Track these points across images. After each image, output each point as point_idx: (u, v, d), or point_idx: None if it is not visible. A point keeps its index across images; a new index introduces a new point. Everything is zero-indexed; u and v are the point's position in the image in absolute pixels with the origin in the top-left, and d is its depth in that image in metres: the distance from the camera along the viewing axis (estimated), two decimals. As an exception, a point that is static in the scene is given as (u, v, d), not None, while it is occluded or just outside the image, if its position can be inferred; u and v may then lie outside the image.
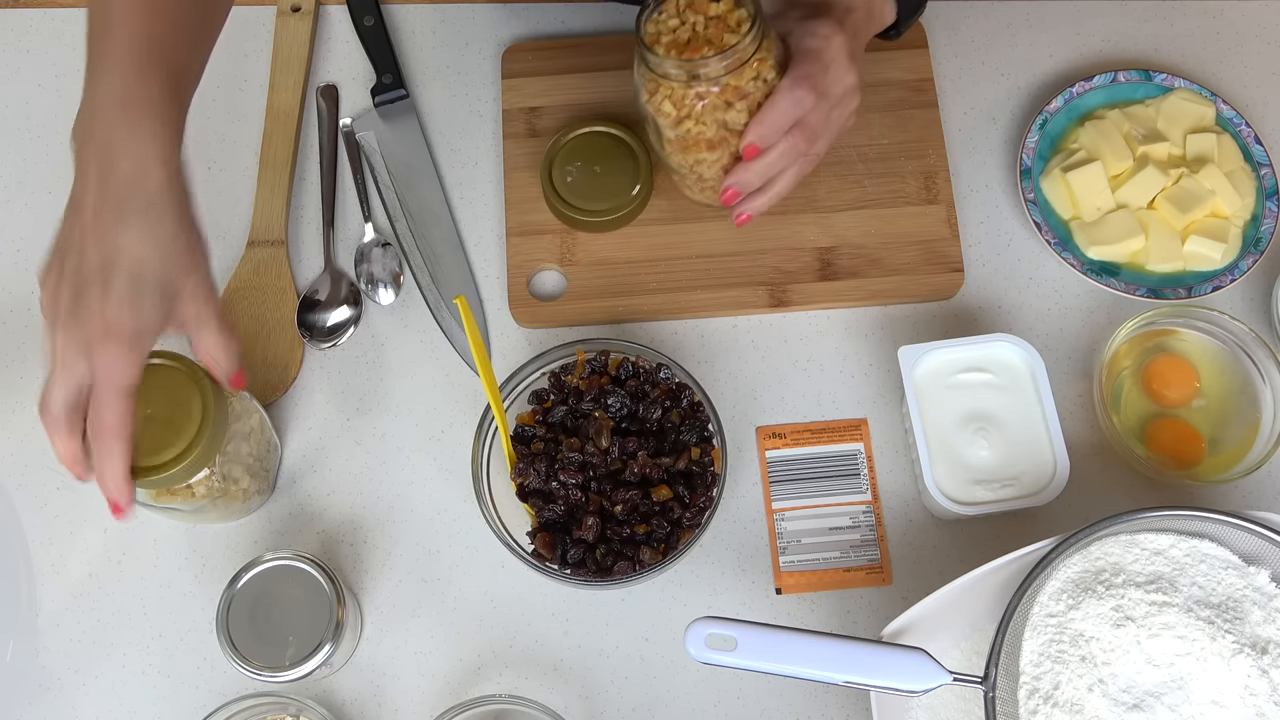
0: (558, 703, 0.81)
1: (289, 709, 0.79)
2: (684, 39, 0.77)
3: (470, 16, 1.02)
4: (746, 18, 0.76)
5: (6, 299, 0.93)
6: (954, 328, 0.91)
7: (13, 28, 1.01)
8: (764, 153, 0.78)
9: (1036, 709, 0.69)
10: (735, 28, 0.77)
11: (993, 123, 0.97)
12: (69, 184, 0.95)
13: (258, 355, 0.90)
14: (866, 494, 0.87)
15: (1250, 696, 0.69)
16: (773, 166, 0.79)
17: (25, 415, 0.90)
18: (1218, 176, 0.90)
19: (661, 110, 0.79)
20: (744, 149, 0.78)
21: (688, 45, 0.77)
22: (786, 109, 0.77)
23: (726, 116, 0.78)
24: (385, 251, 0.93)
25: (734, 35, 0.76)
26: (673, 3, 0.78)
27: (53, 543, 0.86)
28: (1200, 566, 0.72)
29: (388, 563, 0.86)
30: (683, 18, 0.78)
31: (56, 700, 0.83)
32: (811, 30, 0.78)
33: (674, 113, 0.78)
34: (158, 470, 0.73)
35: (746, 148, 0.78)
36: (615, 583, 0.79)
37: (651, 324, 0.92)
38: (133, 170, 0.67)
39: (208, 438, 0.74)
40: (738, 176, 0.80)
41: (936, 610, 0.74)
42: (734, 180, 0.80)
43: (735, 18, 0.77)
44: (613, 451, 0.81)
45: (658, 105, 0.79)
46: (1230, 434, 0.85)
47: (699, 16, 0.77)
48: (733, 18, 0.77)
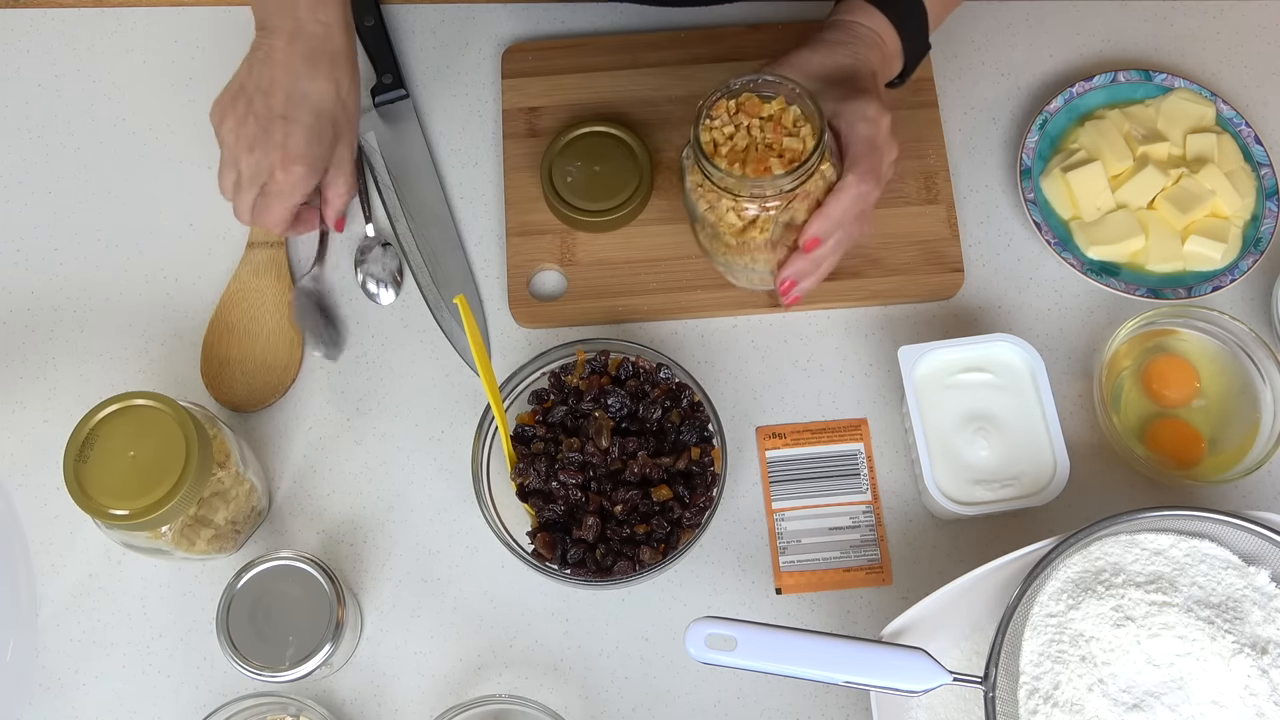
0: (558, 703, 0.81)
1: (289, 709, 0.79)
2: (742, 145, 0.75)
3: (470, 16, 1.02)
4: (804, 120, 0.75)
5: (6, 299, 0.93)
6: (954, 328, 0.91)
7: (13, 28, 1.01)
8: (822, 242, 0.77)
9: (1036, 709, 0.69)
10: (792, 128, 0.75)
11: (993, 123, 0.97)
12: (69, 184, 0.96)
13: (257, 357, 0.90)
14: (866, 494, 0.87)
15: (1250, 696, 0.69)
16: (830, 254, 0.78)
17: (25, 415, 0.90)
18: (1218, 176, 0.90)
19: (724, 221, 0.77)
20: (805, 243, 0.77)
21: (746, 153, 0.75)
22: (851, 204, 0.75)
23: (787, 218, 0.76)
24: (385, 251, 0.93)
25: (793, 138, 0.74)
26: (722, 108, 0.76)
27: (53, 543, 0.86)
28: (1200, 566, 0.72)
29: (388, 563, 0.86)
30: (735, 122, 0.76)
31: (56, 700, 0.83)
32: (861, 113, 0.76)
33: (739, 223, 0.77)
34: (145, 512, 0.73)
35: (808, 242, 0.76)
36: (615, 583, 0.79)
37: (651, 324, 0.92)
38: (322, 31, 0.80)
39: (192, 479, 0.74)
40: (796, 268, 0.78)
41: (936, 610, 0.74)
42: (792, 272, 0.79)
43: (790, 116, 0.75)
44: (613, 451, 0.81)
45: (720, 216, 0.77)
46: (1230, 434, 0.85)
47: (752, 119, 0.76)
48: (787, 117, 0.75)
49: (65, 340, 0.92)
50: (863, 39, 0.80)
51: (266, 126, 0.79)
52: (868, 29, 0.80)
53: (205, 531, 0.79)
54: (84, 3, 1.02)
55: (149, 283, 0.93)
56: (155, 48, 1.01)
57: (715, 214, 0.77)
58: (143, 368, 0.91)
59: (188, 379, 0.90)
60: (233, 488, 0.80)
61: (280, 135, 0.79)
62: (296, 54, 0.79)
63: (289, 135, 0.79)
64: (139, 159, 0.97)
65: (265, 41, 0.80)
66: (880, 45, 0.80)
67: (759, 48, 0.97)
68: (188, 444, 0.74)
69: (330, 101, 0.80)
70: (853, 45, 0.79)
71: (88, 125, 0.98)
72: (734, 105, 0.76)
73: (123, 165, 0.97)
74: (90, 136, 0.98)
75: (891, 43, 0.81)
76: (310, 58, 0.80)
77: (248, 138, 0.80)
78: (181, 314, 0.92)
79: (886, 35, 0.80)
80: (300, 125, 0.79)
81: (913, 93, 0.95)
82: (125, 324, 0.92)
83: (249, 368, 0.90)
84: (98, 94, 0.99)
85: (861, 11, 0.81)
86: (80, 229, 0.95)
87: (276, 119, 0.79)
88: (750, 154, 0.75)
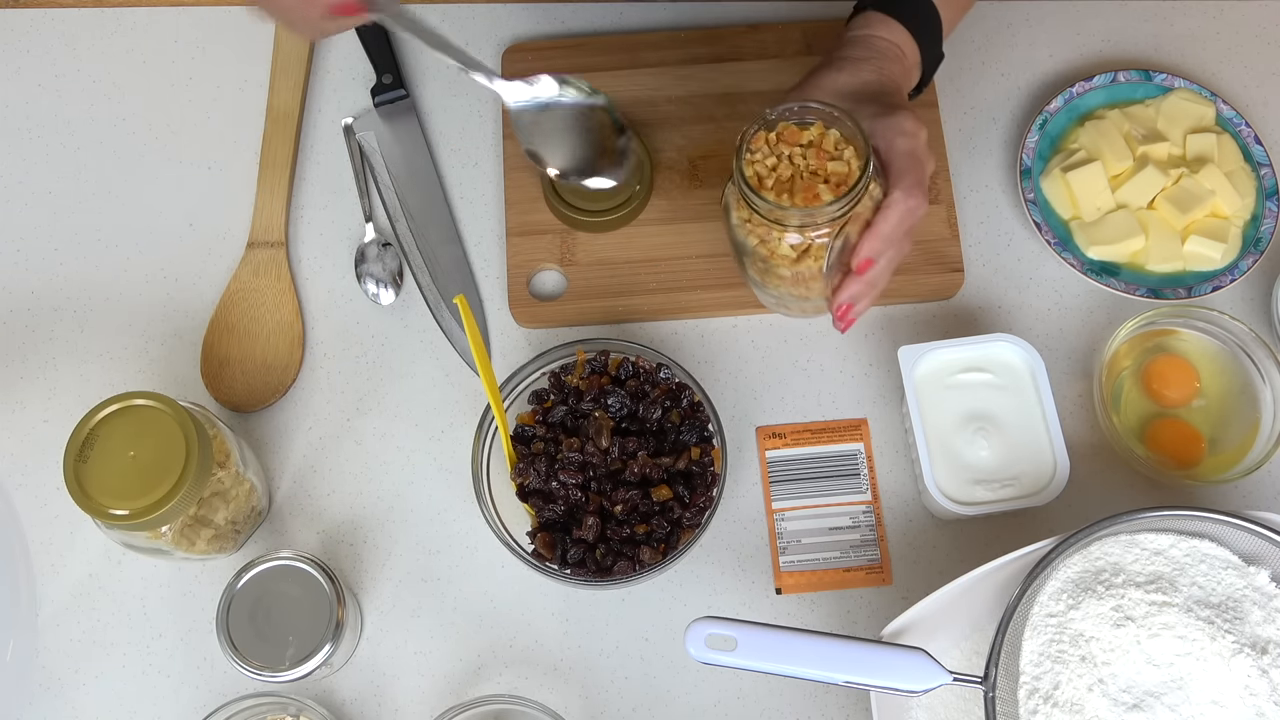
0: (558, 703, 0.81)
1: (289, 709, 0.79)
2: (786, 175, 0.74)
3: (470, 16, 1.02)
4: (845, 142, 0.74)
5: (6, 299, 0.93)
6: (954, 328, 0.91)
7: (13, 28, 1.01)
8: (875, 262, 0.75)
9: (1036, 709, 0.69)
10: (835, 151, 0.74)
11: (993, 123, 0.97)
12: (69, 184, 0.96)
13: (257, 357, 0.90)
14: (866, 494, 0.87)
15: (1250, 696, 0.69)
16: (883, 273, 0.76)
17: (25, 415, 0.90)
18: (1218, 176, 0.90)
19: (778, 253, 0.75)
20: (858, 265, 0.74)
21: (792, 182, 0.74)
22: (901, 220, 0.74)
23: (840, 242, 0.75)
24: (385, 251, 0.93)
25: (837, 161, 0.73)
26: (761, 140, 0.75)
27: (53, 543, 0.86)
28: (1200, 566, 0.72)
29: (388, 563, 0.86)
30: (776, 153, 0.75)
31: (56, 700, 0.83)
32: (899, 128, 0.74)
33: (793, 254, 0.75)
34: (145, 512, 0.73)
35: (861, 264, 0.74)
36: (615, 583, 0.79)
37: (651, 324, 0.92)
38: None
39: (192, 479, 0.74)
40: (851, 290, 0.75)
41: (936, 610, 0.74)
42: (848, 295, 0.76)
43: (831, 140, 0.74)
44: (613, 451, 0.81)
45: (773, 249, 0.75)
46: (1230, 434, 0.85)
47: (792, 148, 0.74)
48: (828, 141, 0.74)
49: (65, 340, 0.92)
50: (884, 53, 0.79)
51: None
52: (888, 42, 0.79)
53: (205, 531, 0.79)
54: (84, 3, 1.02)
55: (149, 283, 0.93)
56: (155, 48, 1.01)
57: (768, 247, 0.76)
58: (143, 368, 0.91)
59: (188, 379, 0.90)
60: (233, 488, 0.80)
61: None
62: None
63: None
64: (139, 159, 0.97)
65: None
66: (901, 58, 0.79)
67: (759, 48, 0.97)
68: (188, 444, 0.74)
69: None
70: (876, 60, 0.78)
71: (88, 125, 0.98)
72: (773, 137, 0.75)
73: (123, 165, 0.97)
74: (90, 136, 0.98)
75: (911, 54, 0.80)
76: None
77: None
78: (181, 314, 0.92)
79: (907, 47, 0.80)
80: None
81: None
82: (125, 324, 0.92)
83: (249, 368, 0.90)
84: (98, 94, 0.99)
85: (880, 25, 0.79)
86: (80, 229, 0.95)
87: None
88: (796, 183, 0.74)
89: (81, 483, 0.73)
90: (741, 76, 0.97)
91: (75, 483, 0.73)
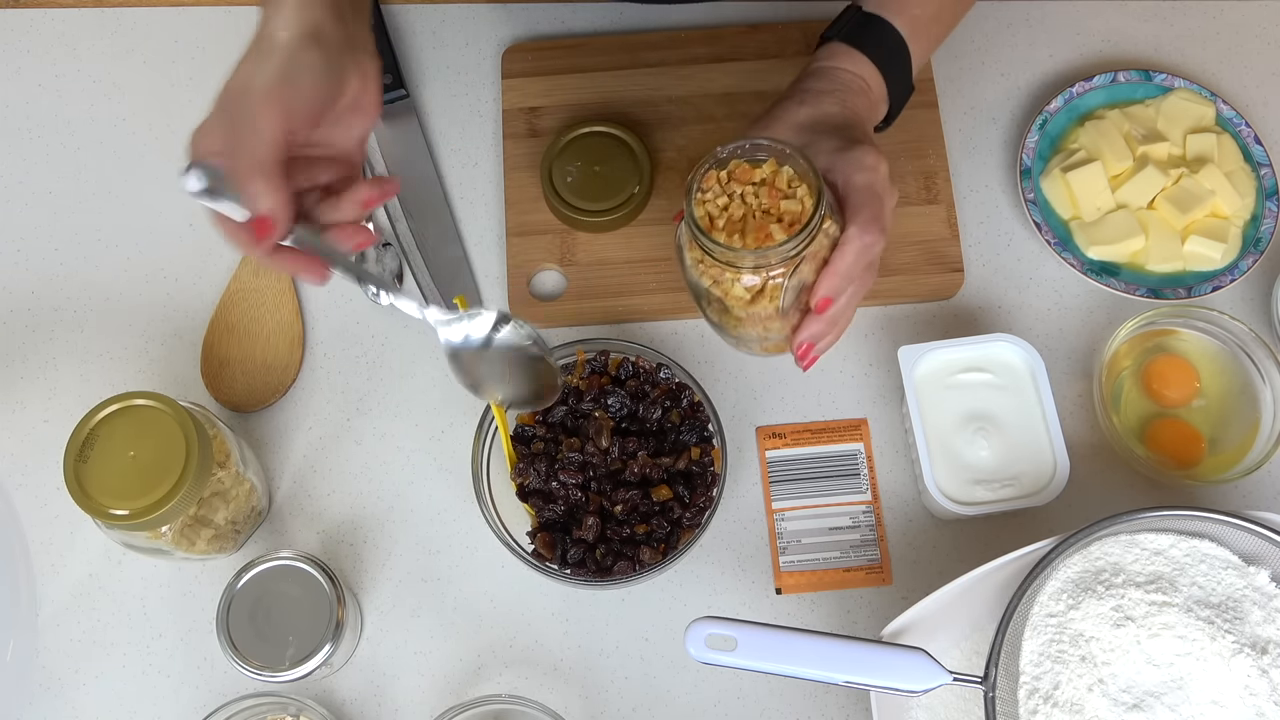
0: (558, 703, 0.81)
1: (289, 709, 0.79)
2: (738, 215, 0.71)
3: (470, 16, 1.02)
4: (798, 180, 0.71)
5: (6, 299, 0.93)
6: (954, 328, 0.91)
7: (13, 28, 1.01)
8: (834, 301, 0.72)
9: (1036, 709, 0.69)
10: (788, 189, 0.71)
11: (993, 123, 0.97)
12: (69, 184, 0.96)
13: (257, 357, 0.90)
14: (866, 494, 0.87)
15: (1250, 696, 0.69)
16: (844, 311, 0.74)
17: (25, 415, 0.90)
18: (1218, 176, 0.90)
19: (732, 294, 0.72)
20: (817, 305, 0.72)
21: (744, 222, 0.71)
22: (858, 257, 0.71)
23: (796, 281, 0.72)
24: (385, 251, 0.93)
25: (790, 200, 0.70)
26: (713, 179, 0.72)
27: (53, 543, 0.86)
28: (1200, 566, 0.72)
29: (388, 563, 0.86)
30: (728, 192, 0.72)
31: (56, 700, 0.83)
32: (859, 163, 0.72)
33: (747, 295, 0.72)
34: (145, 512, 0.73)
35: (820, 303, 0.72)
36: (615, 583, 0.79)
37: (651, 324, 0.92)
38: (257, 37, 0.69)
39: (192, 479, 0.74)
40: (811, 330, 0.73)
41: (936, 610, 0.74)
42: (808, 335, 0.74)
43: (784, 178, 0.71)
44: (613, 451, 0.81)
45: (726, 290, 0.72)
46: (1230, 434, 0.85)
47: (744, 186, 0.72)
48: (781, 179, 0.71)
49: (65, 340, 0.92)
50: (848, 85, 0.76)
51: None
52: (853, 74, 0.77)
53: (205, 531, 0.79)
54: (84, 3, 1.02)
55: (149, 283, 0.93)
56: (155, 48, 1.01)
57: (721, 288, 0.73)
58: (143, 368, 0.91)
59: (188, 379, 0.90)
60: (233, 488, 0.80)
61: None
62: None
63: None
64: (139, 159, 0.97)
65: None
66: (866, 91, 0.77)
67: (759, 48, 0.97)
68: (188, 444, 0.74)
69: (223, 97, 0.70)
70: (839, 93, 0.76)
71: (88, 125, 0.98)
72: (724, 175, 0.72)
73: (123, 165, 0.97)
74: (90, 136, 0.98)
75: (877, 88, 0.78)
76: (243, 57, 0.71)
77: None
78: (181, 314, 0.92)
79: (872, 80, 0.77)
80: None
81: (913, 93, 0.95)
82: (125, 324, 0.92)
83: (249, 368, 0.90)
84: (98, 94, 0.99)
85: (845, 57, 0.77)
86: (80, 229, 0.95)
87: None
88: (748, 223, 0.71)
89: (81, 483, 0.73)
90: (741, 76, 0.97)
91: (75, 483, 0.73)
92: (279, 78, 0.67)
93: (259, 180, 0.65)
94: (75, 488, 0.73)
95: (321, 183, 0.71)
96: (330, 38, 0.69)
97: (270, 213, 0.66)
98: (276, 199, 0.66)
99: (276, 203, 0.66)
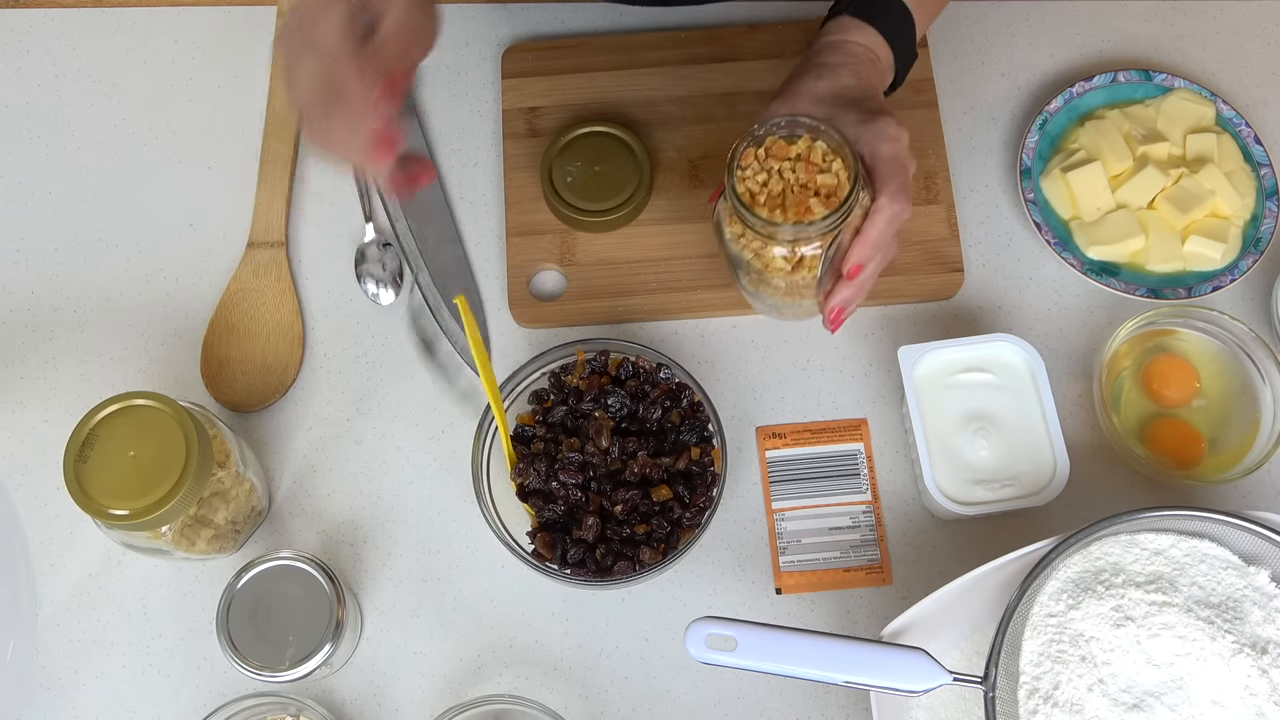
0: (558, 703, 0.81)
1: (289, 709, 0.79)
2: (777, 190, 0.75)
3: (470, 16, 1.02)
4: (832, 153, 0.74)
5: (6, 299, 0.93)
6: (954, 328, 0.91)
7: (13, 28, 1.01)
8: (864, 267, 0.76)
9: (1036, 709, 0.69)
10: (823, 163, 0.74)
11: (993, 123, 0.97)
12: (69, 184, 0.96)
13: (258, 357, 0.90)
14: (866, 494, 0.87)
15: (1250, 696, 0.69)
16: (872, 276, 0.77)
17: (25, 415, 0.90)
18: (1218, 176, 0.90)
19: (773, 266, 0.76)
20: (849, 271, 0.75)
21: (784, 196, 0.74)
22: (889, 225, 0.74)
23: (833, 251, 0.75)
24: (385, 251, 0.93)
25: (826, 173, 0.74)
26: (750, 156, 0.75)
27: (53, 543, 0.86)
28: (1200, 566, 0.72)
29: (388, 563, 0.86)
30: (766, 168, 0.75)
31: (56, 700, 0.83)
32: (883, 134, 0.75)
33: (787, 266, 0.76)
34: (145, 512, 0.73)
35: (852, 269, 0.75)
36: (615, 583, 0.79)
37: (651, 324, 0.92)
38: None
39: (192, 479, 0.74)
40: (843, 295, 0.77)
41: (936, 610, 0.74)
42: (840, 299, 0.77)
43: (818, 153, 0.74)
44: (613, 451, 0.81)
45: (768, 262, 0.76)
46: (1230, 434, 0.85)
47: (781, 162, 0.75)
48: (816, 154, 0.75)
49: (65, 340, 0.92)
50: (859, 57, 0.79)
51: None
52: (863, 47, 0.79)
53: (205, 531, 0.79)
54: (84, 3, 1.02)
55: (149, 283, 0.93)
56: (155, 48, 1.01)
57: (762, 260, 0.76)
58: (143, 368, 0.91)
59: (188, 379, 0.90)
60: (233, 488, 0.80)
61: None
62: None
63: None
64: (139, 159, 0.97)
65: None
66: (875, 61, 0.80)
67: (759, 48, 0.97)
68: (188, 444, 0.74)
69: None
70: (852, 65, 0.78)
71: (88, 125, 0.98)
72: (762, 152, 0.75)
73: (123, 165, 0.97)
74: (90, 136, 0.98)
75: (885, 58, 0.80)
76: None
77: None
78: (181, 314, 0.92)
79: (880, 51, 0.80)
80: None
81: (913, 93, 0.95)
82: (125, 324, 0.92)
83: (249, 368, 0.90)
84: (98, 94, 0.99)
85: (855, 29, 0.80)
86: (80, 229, 0.95)
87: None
88: (787, 197, 0.74)
89: (81, 483, 0.73)
90: (741, 76, 0.97)
91: (75, 483, 0.73)
92: (406, 11, 0.70)
93: (388, 97, 0.69)
94: (75, 488, 0.73)
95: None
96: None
97: (390, 128, 0.69)
98: (396, 111, 0.69)
99: (395, 114, 0.69)
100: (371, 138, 0.69)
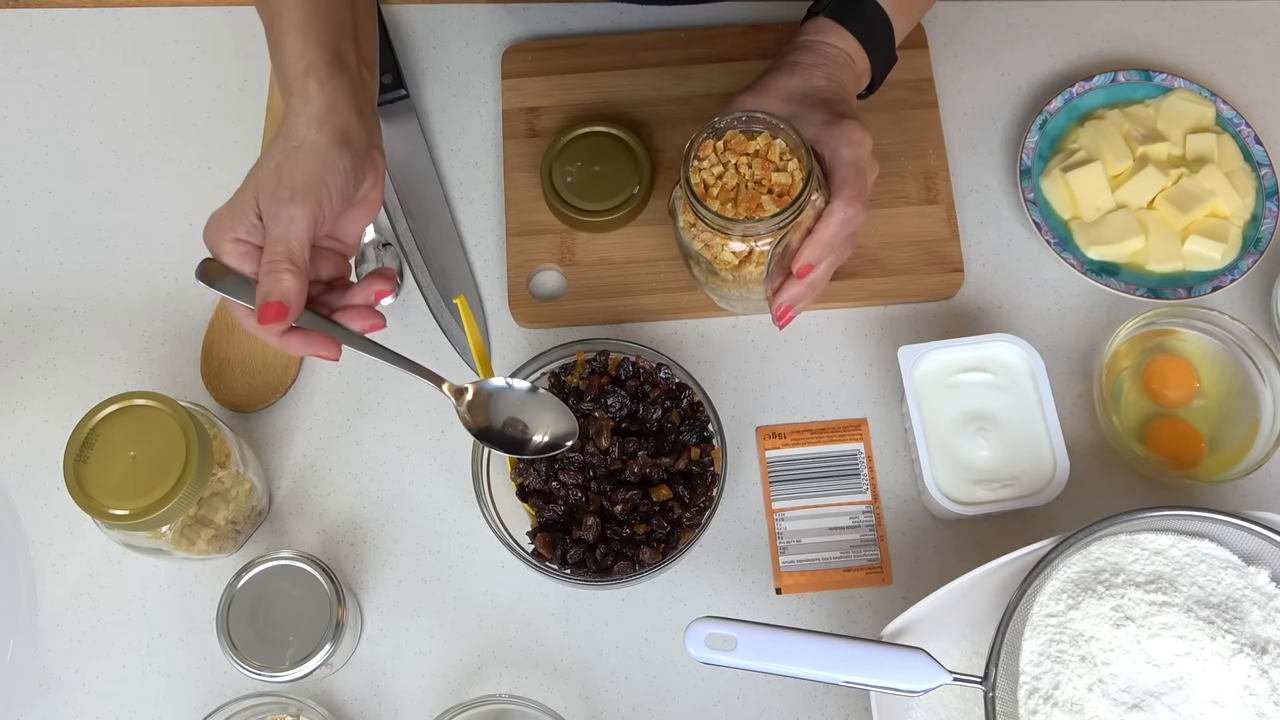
0: (558, 703, 0.81)
1: (289, 709, 0.79)
2: (732, 184, 0.75)
3: (470, 16, 1.02)
4: (789, 153, 0.75)
5: (6, 299, 0.93)
6: (954, 328, 0.91)
7: (13, 28, 1.01)
8: (815, 267, 0.77)
9: (1036, 709, 0.69)
10: (779, 161, 0.75)
11: (993, 123, 0.97)
12: (69, 184, 0.96)
13: (258, 357, 0.90)
14: (866, 494, 0.87)
15: (1250, 696, 0.69)
16: (823, 277, 0.78)
17: (25, 415, 0.90)
18: (1218, 176, 0.90)
19: (721, 259, 0.77)
20: (798, 270, 0.76)
21: (737, 191, 0.75)
22: (841, 229, 0.75)
23: (781, 249, 0.76)
24: (385, 251, 0.93)
25: (781, 172, 0.75)
26: (709, 147, 0.76)
27: (53, 543, 0.86)
28: (1200, 566, 0.72)
29: (388, 563, 0.86)
30: (723, 161, 0.76)
31: (56, 700, 0.83)
32: (846, 137, 0.76)
33: (734, 260, 0.77)
34: (145, 512, 0.73)
35: (802, 269, 0.76)
36: (615, 583, 0.79)
37: (651, 324, 0.92)
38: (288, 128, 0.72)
39: (192, 479, 0.74)
40: (791, 293, 0.77)
41: (936, 610, 0.74)
42: (788, 297, 0.78)
43: (776, 151, 0.75)
44: (613, 451, 0.81)
45: (716, 254, 0.77)
46: (1230, 434, 0.85)
47: (739, 157, 0.76)
48: (773, 151, 0.75)
49: (65, 340, 0.92)
50: (833, 59, 0.79)
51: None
52: (838, 49, 0.80)
53: (205, 531, 0.79)
54: (84, 3, 1.02)
55: (149, 283, 0.93)
56: (155, 48, 1.01)
57: (711, 252, 0.77)
58: (143, 368, 0.91)
59: (188, 379, 0.90)
60: (233, 488, 0.80)
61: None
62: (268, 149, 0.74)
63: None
64: (139, 159, 0.97)
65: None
66: (850, 65, 0.80)
67: (759, 48, 0.97)
68: (188, 444, 0.74)
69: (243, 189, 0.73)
70: (825, 66, 0.79)
71: (88, 125, 0.98)
72: (720, 144, 0.76)
73: (123, 165, 0.97)
74: (90, 136, 0.98)
75: (860, 61, 0.81)
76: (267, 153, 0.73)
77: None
78: (181, 314, 0.92)
79: (856, 55, 0.80)
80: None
81: (913, 93, 0.95)
82: (125, 324, 0.92)
83: (249, 368, 0.90)
84: (98, 94, 0.99)
85: (831, 32, 0.80)
86: (80, 229, 0.95)
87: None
88: (741, 192, 0.75)
89: (81, 483, 0.73)
90: (741, 76, 0.96)
91: (75, 483, 0.73)
92: (314, 178, 0.70)
93: (289, 271, 0.68)
94: (75, 488, 0.73)
95: (324, 277, 0.73)
96: (356, 140, 0.72)
97: (286, 298, 0.68)
98: (299, 287, 0.69)
99: (299, 290, 0.68)
100: (260, 304, 0.68)
